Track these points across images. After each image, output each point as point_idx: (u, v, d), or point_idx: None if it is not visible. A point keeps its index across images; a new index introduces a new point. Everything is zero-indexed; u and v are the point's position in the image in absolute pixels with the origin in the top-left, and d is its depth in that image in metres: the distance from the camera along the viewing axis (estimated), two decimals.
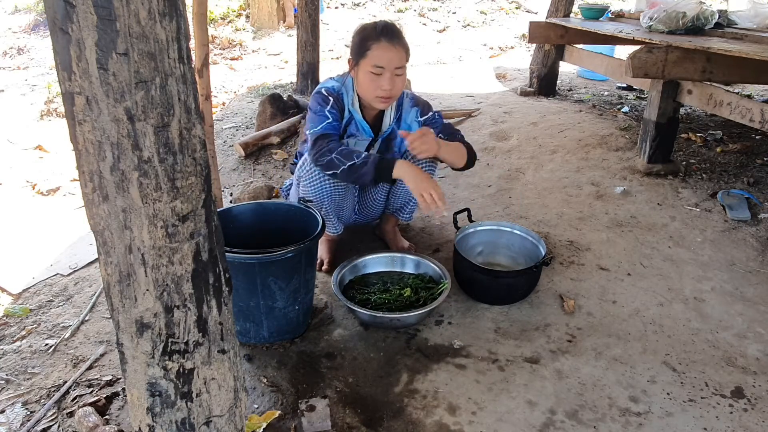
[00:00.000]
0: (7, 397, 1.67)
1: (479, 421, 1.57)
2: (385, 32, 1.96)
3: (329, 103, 2.06)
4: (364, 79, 2.00)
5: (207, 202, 0.90)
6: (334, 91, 2.10)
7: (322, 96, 2.08)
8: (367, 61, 1.96)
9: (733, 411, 1.62)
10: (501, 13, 9.12)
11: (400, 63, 1.97)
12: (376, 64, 1.95)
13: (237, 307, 1.75)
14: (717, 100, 2.76)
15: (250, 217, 1.98)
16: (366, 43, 1.96)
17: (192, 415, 0.99)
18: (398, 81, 2.00)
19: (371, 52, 1.95)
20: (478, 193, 3.04)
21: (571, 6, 4.66)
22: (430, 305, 1.92)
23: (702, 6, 3.08)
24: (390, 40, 1.95)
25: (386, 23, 2.00)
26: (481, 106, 4.49)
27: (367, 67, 1.97)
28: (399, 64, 1.97)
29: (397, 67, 1.97)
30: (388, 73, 1.96)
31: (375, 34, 1.96)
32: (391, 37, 1.95)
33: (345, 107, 2.11)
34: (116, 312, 0.91)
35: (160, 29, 0.76)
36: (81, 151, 0.81)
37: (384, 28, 1.98)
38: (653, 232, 2.59)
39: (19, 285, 2.26)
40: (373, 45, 1.95)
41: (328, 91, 2.09)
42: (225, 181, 3.23)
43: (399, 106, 2.19)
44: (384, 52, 1.94)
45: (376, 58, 1.95)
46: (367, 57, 1.96)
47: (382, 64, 1.95)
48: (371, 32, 1.97)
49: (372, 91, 2.01)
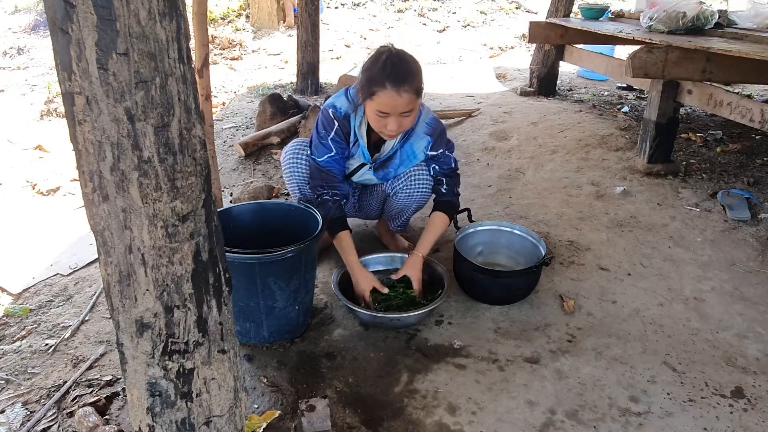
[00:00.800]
0: (7, 397, 1.67)
1: (479, 421, 1.57)
2: (391, 77, 1.77)
3: (333, 129, 1.98)
4: (371, 116, 1.89)
5: (207, 202, 0.90)
6: (340, 114, 1.98)
7: (328, 119, 1.99)
8: (373, 104, 1.83)
9: (733, 411, 1.62)
10: (501, 13, 9.12)
11: (407, 108, 1.82)
12: (381, 110, 1.82)
13: (237, 307, 1.75)
14: (717, 100, 2.76)
15: (250, 217, 1.98)
16: (371, 87, 1.80)
17: (192, 415, 0.99)
18: (406, 121, 1.87)
19: (377, 97, 1.80)
20: (478, 193, 3.04)
21: (571, 6, 4.66)
22: (430, 305, 1.92)
23: (702, 6, 3.08)
24: (396, 86, 1.76)
25: (394, 62, 1.80)
26: (481, 106, 4.49)
27: (373, 107, 1.84)
28: (406, 109, 1.82)
29: (404, 112, 1.83)
30: (393, 116, 1.83)
31: (381, 77, 1.78)
32: (397, 82, 1.77)
33: (351, 130, 2.02)
34: (116, 312, 0.91)
35: (160, 29, 0.76)
36: (81, 151, 0.81)
37: (392, 70, 1.78)
38: (653, 232, 2.59)
39: (19, 285, 2.26)
40: (378, 91, 1.79)
41: (335, 113, 1.99)
42: (225, 181, 3.23)
43: (410, 129, 2.04)
44: (389, 100, 1.79)
45: (381, 104, 1.81)
46: (373, 100, 1.82)
47: (388, 111, 1.82)
48: (378, 75, 1.79)
49: (378, 128, 1.92)
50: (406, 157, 2.10)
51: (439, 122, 2.09)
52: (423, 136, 2.06)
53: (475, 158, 3.52)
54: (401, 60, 1.82)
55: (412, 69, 1.83)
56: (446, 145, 2.11)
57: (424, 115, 2.05)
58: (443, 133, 2.10)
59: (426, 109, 2.09)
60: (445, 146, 2.10)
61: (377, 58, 1.83)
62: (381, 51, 1.85)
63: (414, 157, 2.10)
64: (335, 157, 2.01)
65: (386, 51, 1.84)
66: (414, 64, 1.85)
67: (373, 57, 1.86)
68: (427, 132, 2.06)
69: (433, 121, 2.07)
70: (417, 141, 2.07)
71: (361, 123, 2.01)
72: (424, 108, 2.07)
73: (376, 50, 1.88)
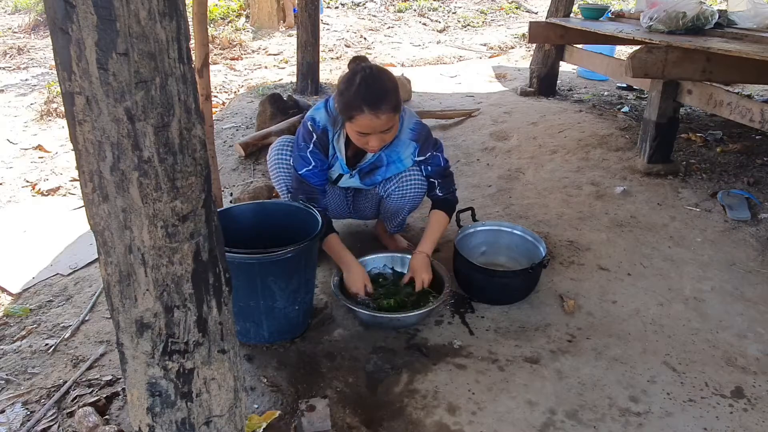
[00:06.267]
0: (7, 397, 1.67)
1: (479, 421, 1.57)
2: (367, 100, 1.75)
3: (312, 141, 1.99)
4: (353, 135, 1.89)
5: (207, 202, 0.90)
6: (318, 127, 1.98)
7: (308, 132, 2.00)
8: (353, 126, 1.83)
9: (733, 411, 1.62)
10: (501, 13, 9.12)
11: (386, 126, 1.82)
12: (361, 131, 1.83)
13: (237, 307, 1.75)
14: (717, 100, 2.76)
15: (250, 217, 1.98)
16: (349, 111, 1.80)
17: (192, 415, 0.99)
18: (387, 136, 1.88)
19: (356, 121, 1.80)
20: (479, 193, 3.04)
21: (571, 6, 4.66)
22: (430, 305, 1.92)
23: (702, 6, 3.08)
24: (373, 109, 1.75)
25: (369, 83, 1.77)
26: (481, 106, 4.49)
27: (354, 128, 1.84)
28: (386, 127, 1.83)
29: (385, 129, 1.84)
30: (374, 135, 1.84)
31: (358, 102, 1.76)
32: (373, 105, 1.75)
33: (329, 144, 2.02)
34: (116, 312, 0.91)
35: (160, 29, 0.76)
36: (81, 151, 0.81)
37: (366, 93, 1.76)
38: (653, 232, 2.59)
39: (19, 285, 2.26)
40: (356, 115, 1.78)
41: (314, 126, 1.99)
42: (225, 181, 3.23)
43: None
44: (368, 122, 1.78)
45: (361, 126, 1.81)
46: (353, 123, 1.82)
47: (367, 132, 1.82)
48: (354, 99, 1.77)
49: (360, 145, 1.92)
50: (391, 163, 2.09)
51: (423, 125, 2.07)
52: (408, 142, 2.04)
53: (475, 158, 3.52)
54: (376, 80, 1.79)
55: (387, 88, 1.80)
56: (433, 147, 2.10)
57: (407, 120, 2.03)
58: (429, 136, 2.08)
59: (409, 113, 2.07)
60: (432, 148, 2.09)
61: (352, 80, 1.80)
62: (355, 71, 1.83)
63: (401, 164, 2.09)
64: (314, 171, 2.03)
65: (360, 70, 1.81)
66: (389, 81, 1.83)
67: (347, 78, 1.83)
68: (413, 138, 2.04)
69: (417, 125, 2.04)
70: (403, 148, 2.05)
71: (338, 136, 2.01)
72: (406, 113, 2.05)
73: (350, 69, 1.86)
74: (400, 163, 2.09)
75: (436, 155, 2.11)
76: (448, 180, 2.17)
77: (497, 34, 7.94)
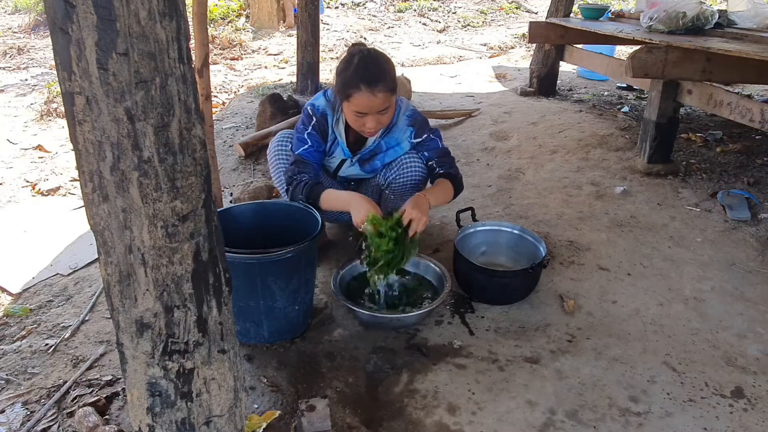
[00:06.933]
0: (7, 397, 1.67)
1: (479, 421, 1.57)
2: (365, 78, 1.81)
3: (311, 124, 2.06)
4: (349, 116, 1.95)
5: (207, 202, 0.90)
6: (318, 111, 2.06)
7: (307, 115, 2.07)
8: (350, 105, 1.89)
9: (733, 411, 1.62)
10: (501, 13, 9.12)
11: (383, 106, 1.87)
12: (358, 110, 1.88)
13: (237, 307, 1.75)
14: (717, 100, 2.76)
15: (250, 217, 1.98)
16: (346, 90, 1.86)
17: (192, 415, 0.99)
18: (384, 118, 1.93)
19: (353, 99, 1.85)
20: (479, 193, 3.04)
21: (571, 6, 4.66)
22: (430, 305, 1.92)
23: (702, 6, 3.08)
24: (370, 87, 1.81)
25: (366, 63, 1.84)
26: (481, 106, 4.49)
27: (351, 108, 1.89)
28: (382, 107, 1.87)
29: (381, 110, 1.88)
30: (371, 115, 1.89)
31: (355, 79, 1.82)
32: (371, 83, 1.81)
33: (328, 128, 2.08)
34: (116, 312, 0.91)
35: (160, 29, 0.76)
36: (81, 151, 0.81)
37: (364, 72, 1.82)
38: (653, 232, 2.59)
39: (19, 285, 2.26)
40: (353, 93, 1.84)
41: (313, 110, 2.07)
42: (225, 181, 3.23)
43: (390, 124, 2.09)
44: (365, 101, 1.84)
45: (357, 105, 1.86)
46: (349, 102, 1.87)
47: (364, 111, 1.87)
48: (351, 77, 1.83)
49: (357, 127, 1.98)
50: (390, 148, 2.15)
51: (418, 113, 2.16)
52: (405, 128, 2.12)
53: (475, 158, 3.52)
54: (373, 60, 1.87)
55: (384, 68, 1.87)
56: (430, 131, 2.15)
57: (403, 108, 2.11)
58: (425, 122, 2.16)
59: (405, 102, 2.15)
60: (429, 131, 2.15)
61: (350, 60, 1.87)
62: (353, 53, 1.89)
63: (399, 147, 2.15)
64: (310, 150, 2.06)
65: (358, 52, 1.88)
66: (386, 62, 1.90)
67: (345, 59, 1.90)
68: (409, 123, 2.12)
69: (413, 112, 2.14)
70: (401, 133, 2.13)
71: (338, 120, 2.07)
72: (403, 102, 2.13)
73: (348, 51, 1.93)
74: (398, 147, 2.15)
75: (434, 138, 2.15)
76: (447, 159, 2.16)
77: (497, 34, 7.94)
